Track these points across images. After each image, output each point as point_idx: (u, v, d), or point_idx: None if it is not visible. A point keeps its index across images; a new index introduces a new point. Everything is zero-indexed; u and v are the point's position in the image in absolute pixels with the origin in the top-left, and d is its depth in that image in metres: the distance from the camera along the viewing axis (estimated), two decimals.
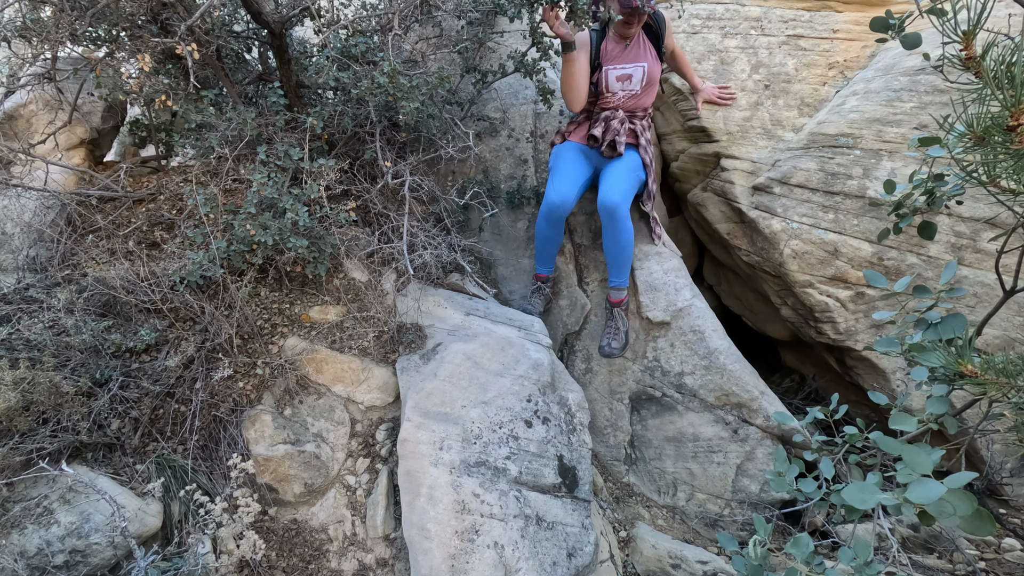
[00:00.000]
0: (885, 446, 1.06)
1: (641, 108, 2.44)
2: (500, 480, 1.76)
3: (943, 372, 0.93)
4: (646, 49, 2.37)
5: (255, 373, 1.96)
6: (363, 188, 2.31)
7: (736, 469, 2.28)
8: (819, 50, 2.75)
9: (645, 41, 2.37)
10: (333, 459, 1.94)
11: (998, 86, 0.56)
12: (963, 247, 2.25)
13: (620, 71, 2.34)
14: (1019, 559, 2.00)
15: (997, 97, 0.56)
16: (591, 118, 2.46)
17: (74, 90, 2.29)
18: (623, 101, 2.40)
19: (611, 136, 2.33)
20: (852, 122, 2.43)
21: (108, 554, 1.54)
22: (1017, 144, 0.56)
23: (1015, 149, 0.56)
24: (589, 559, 1.75)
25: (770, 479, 1.36)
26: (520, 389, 1.94)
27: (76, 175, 2.28)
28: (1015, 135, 0.56)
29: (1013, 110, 0.55)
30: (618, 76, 2.35)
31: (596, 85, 2.39)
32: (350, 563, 1.81)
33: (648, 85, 2.38)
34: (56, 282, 1.97)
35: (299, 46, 2.56)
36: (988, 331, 2.20)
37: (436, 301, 2.25)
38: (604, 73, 2.35)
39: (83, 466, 1.69)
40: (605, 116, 2.38)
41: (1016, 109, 0.55)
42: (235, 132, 2.13)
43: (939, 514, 0.86)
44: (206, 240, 1.98)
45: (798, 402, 2.90)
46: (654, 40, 2.40)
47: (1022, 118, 0.55)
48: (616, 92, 2.37)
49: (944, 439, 2.10)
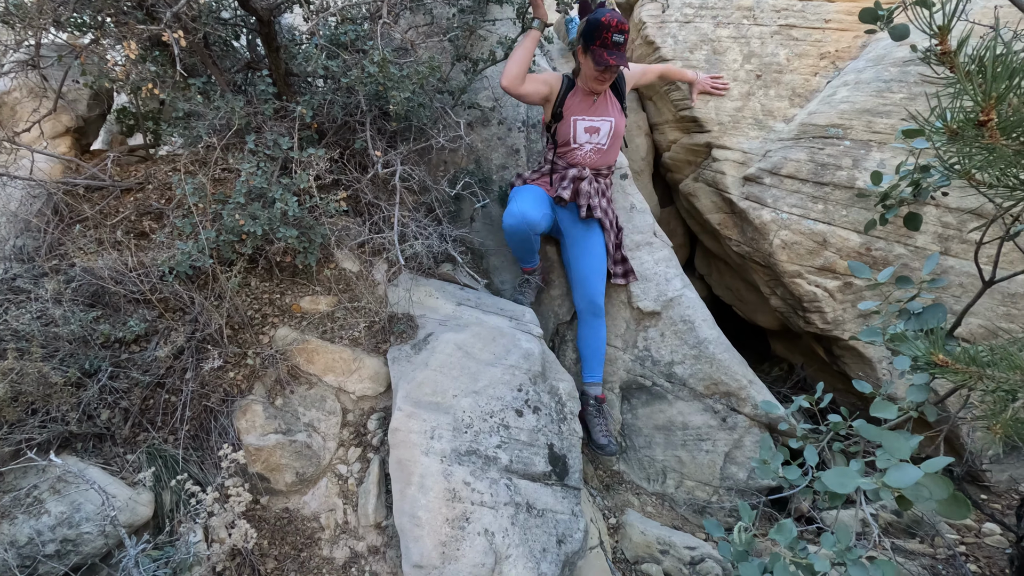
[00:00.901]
0: (866, 433, 1.08)
1: (606, 166, 2.39)
2: (491, 468, 1.78)
3: (924, 361, 0.95)
4: (611, 104, 2.33)
5: (246, 363, 1.96)
6: (353, 178, 2.30)
7: (724, 457, 2.31)
8: (811, 40, 2.75)
9: (610, 96, 2.34)
10: (325, 448, 1.94)
11: (971, 81, 0.56)
12: (950, 238, 2.27)
13: (588, 123, 2.29)
14: (999, 543, 2.05)
15: (967, 91, 0.56)
16: (554, 171, 2.38)
17: (59, 77, 2.25)
18: (589, 156, 2.34)
19: (584, 200, 2.27)
20: (842, 113, 2.43)
21: (99, 543, 1.54)
22: (988, 139, 0.57)
23: (987, 144, 0.57)
24: (579, 545, 1.77)
25: (755, 466, 1.38)
26: (511, 378, 1.96)
27: (62, 164, 2.25)
28: (986, 130, 0.56)
29: (984, 105, 0.56)
30: (586, 127, 2.30)
31: (557, 135, 2.34)
32: (342, 551, 1.82)
33: (614, 139, 2.34)
34: (43, 272, 1.96)
35: (288, 34, 2.53)
36: (972, 321, 2.23)
37: (427, 291, 2.25)
38: (572, 124, 2.29)
39: (73, 456, 1.69)
40: (573, 175, 2.30)
41: (987, 104, 0.55)
42: (223, 121, 2.11)
43: (916, 498, 0.88)
44: (195, 230, 1.97)
45: (787, 391, 2.93)
46: (617, 95, 2.36)
47: (992, 113, 0.55)
48: (583, 145, 2.32)
49: (926, 426, 2.13)
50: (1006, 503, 2.21)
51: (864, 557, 1.11)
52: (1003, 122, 0.55)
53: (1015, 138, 0.56)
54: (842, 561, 1.06)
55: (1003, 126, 0.56)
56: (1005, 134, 0.56)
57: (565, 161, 2.37)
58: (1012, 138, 0.56)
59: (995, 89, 0.54)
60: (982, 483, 2.26)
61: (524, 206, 2.21)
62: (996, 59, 0.54)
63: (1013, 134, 0.56)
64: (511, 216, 2.22)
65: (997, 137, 0.56)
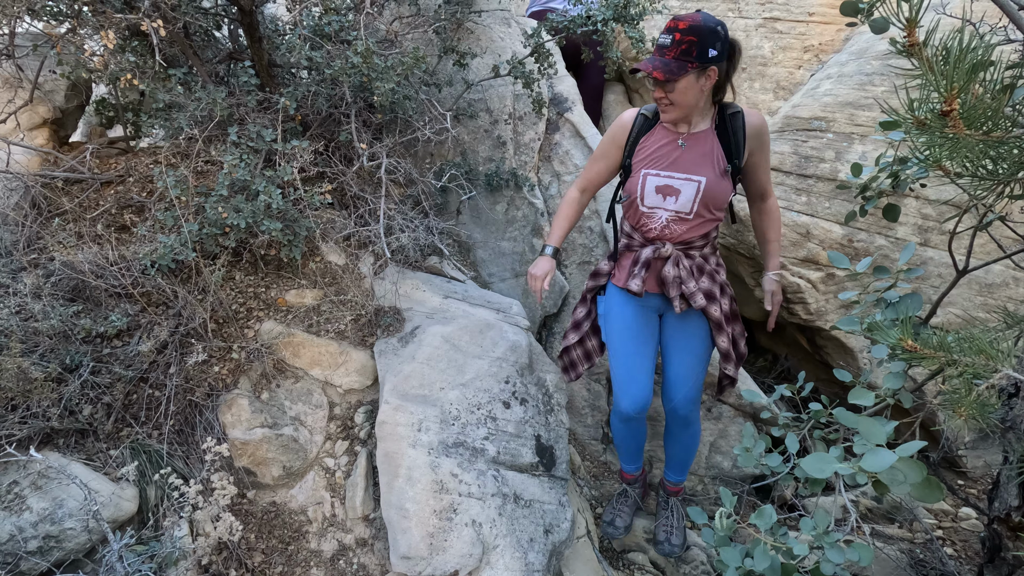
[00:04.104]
0: (844, 420, 1.10)
1: (699, 236, 1.71)
2: (478, 460, 1.79)
3: (900, 349, 0.97)
4: (712, 157, 1.63)
5: (231, 357, 1.94)
6: (339, 170, 2.28)
7: (710, 446, 2.34)
8: (795, 33, 2.77)
9: (715, 144, 1.63)
10: (311, 442, 1.94)
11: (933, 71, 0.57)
12: (929, 229, 2.31)
13: (663, 180, 1.65)
14: (974, 527, 2.11)
15: (931, 82, 0.58)
16: (630, 247, 1.81)
17: (35, 67, 2.20)
18: (670, 228, 1.70)
19: (675, 291, 1.70)
20: (825, 106, 2.46)
21: (82, 539, 1.53)
22: (952, 128, 0.58)
23: (951, 133, 0.58)
24: (566, 535, 1.79)
25: (738, 454, 1.41)
26: (498, 371, 1.96)
27: (40, 156, 2.21)
28: (949, 120, 0.58)
29: (947, 95, 0.57)
30: (659, 186, 1.66)
31: (629, 195, 1.74)
32: (329, 543, 1.83)
33: (704, 206, 1.65)
34: (22, 267, 1.92)
35: (271, 24, 2.50)
36: (949, 310, 2.28)
37: (414, 284, 2.25)
38: (640, 179, 1.68)
39: (55, 452, 1.67)
40: (646, 256, 1.72)
41: (949, 94, 0.56)
42: (205, 112, 2.08)
43: (891, 482, 0.90)
44: (177, 223, 1.95)
45: (771, 381, 2.97)
46: (727, 146, 1.63)
47: (955, 103, 0.57)
48: (655, 211, 1.69)
49: (904, 413, 2.18)
50: (982, 488, 2.26)
51: (842, 541, 1.14)
52: (966, 112, 0.57)
53: (979, 128, 0.58)
54: (820, 545, 1.09)
55: (966, 116, 0.57)
56: (968, 124, 0.57)
57: (640, 235, 1.77)
58: (976, 128, 0.58)
59: (957, 80, 0.55)
60: (959, 468, 2.31)
61: (621, 386, 1.80)
62: (961, 50, 0.55)
63: (977, 123, 0.57)
64: (630, 401, 1.81)
65: (961, 127, 0.58)
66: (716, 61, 1.50)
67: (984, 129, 0.58)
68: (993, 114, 0.57)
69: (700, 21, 1.46)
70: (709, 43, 1.46)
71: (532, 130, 2.73)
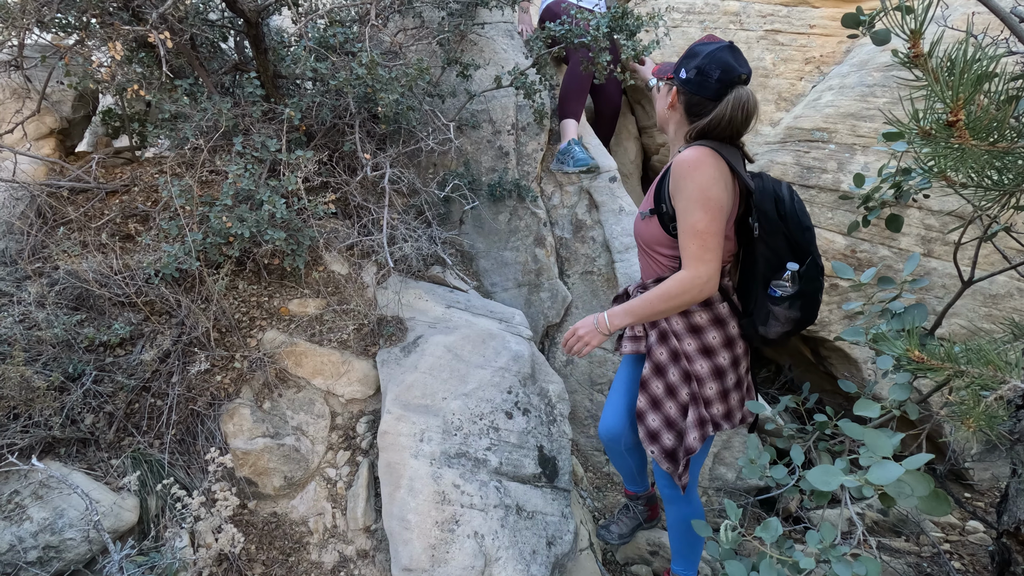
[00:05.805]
0: (850, 432, 1.09)
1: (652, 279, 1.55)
2: (480, 471, 1.77)
3: (903, 359, 0.96)
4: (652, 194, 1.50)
5: (233, 367, 1.94)
6: (342, 180, 2.30)
7: (713, 458, 2.32)
8: (796, 45, 2.79)
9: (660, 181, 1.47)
10: (313, 452, 1.93)
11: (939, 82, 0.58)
12: (932, 239, 2.31)
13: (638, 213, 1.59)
14: (981, 540, 2.08)
15: (936, 92, 0.58)
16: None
17: (42, 78, 2.23)
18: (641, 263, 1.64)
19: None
20: (827, 117, 2.47)
21: (83, 549, 1.52)
22: (957, 139, 0.58)
23: (956, 143, 0.58)
24: (569, 547, 1.78)
25: (742, 466, 1.40)
26: (501, 381, 1.96)
27: (46, 166, 2.23)
28: (955, 130, 0.58)
29: (952, 106, 0.57)
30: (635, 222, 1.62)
31: None
32: (330, 555, 1.81)
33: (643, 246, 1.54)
34: (26, 275, 1.93)
35: (276, 35, 2.53)
36: (954, 321, 2.27)
37: (417, 294, 2.25)
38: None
39: (56, 461, 1.67)
40: (618, 294, 1.77)
41: (955, 105, 0.57)
42: (210, 123, 2.10)
43: (898, 495, 0.89)
44: (181, 232, 1.95)
45: (774, 391, 2.96)
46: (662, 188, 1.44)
47: (960, 113, 0.57)
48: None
49: (910, 425, 2.16)
50: (989, 501, 2.24)
51: (849, 555, 1.12)
52: (971, 122, 0.57)
53: (985, 138, 0.58)
54: (826, 558, 1.07)
55: (972, 126, 0.57)
56: (974, 134, 0.58)
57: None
58: (982, 138, 0.58)
59: (963, 90, 0.55)
60: (966, 481, 2.29)
61: (607, 406, 1.77)
62: (966, 61, 0.55)
63: (983, 134, 0.57)
64: (601, 424, 1.78)
65: (967, 137, 0.58)
66: (682, 83, 1.38)
67: (990, 140, 0.58)
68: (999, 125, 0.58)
69: (696, 43, 1.40)
70: (683, 62, 1.38)
71: (534, 140, 2.74)
